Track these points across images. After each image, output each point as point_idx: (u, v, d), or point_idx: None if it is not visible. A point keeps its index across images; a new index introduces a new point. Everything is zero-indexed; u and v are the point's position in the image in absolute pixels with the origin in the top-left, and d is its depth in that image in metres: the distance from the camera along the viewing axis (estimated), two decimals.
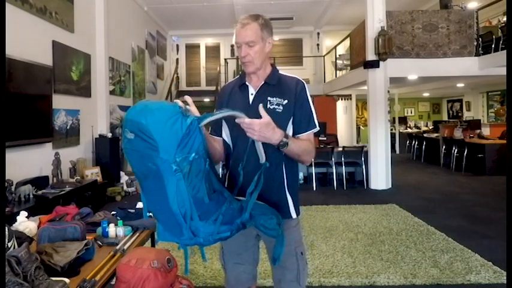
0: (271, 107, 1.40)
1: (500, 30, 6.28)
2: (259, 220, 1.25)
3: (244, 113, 1.40)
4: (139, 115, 1.05)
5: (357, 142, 11.29)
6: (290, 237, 1.44)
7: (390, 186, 6.17)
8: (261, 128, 1.19)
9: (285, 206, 1.44)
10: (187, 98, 1.23)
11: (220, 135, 1.49)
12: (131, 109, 1.13)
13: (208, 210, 1.13)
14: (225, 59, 10.62)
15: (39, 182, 4.03)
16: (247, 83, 1.46)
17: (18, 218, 1.99)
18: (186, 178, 1.05)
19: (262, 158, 1.29)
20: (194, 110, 1.19)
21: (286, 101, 1.41)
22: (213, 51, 11.59)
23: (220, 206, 1.16)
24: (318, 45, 11.11)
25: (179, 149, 1.03)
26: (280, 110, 1.40)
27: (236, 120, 1.18)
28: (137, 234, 2.01)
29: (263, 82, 1.44)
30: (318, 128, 1.44)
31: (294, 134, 1.42)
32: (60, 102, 4.73)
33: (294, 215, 1.46)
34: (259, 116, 1.38)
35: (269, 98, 1.41)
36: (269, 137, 1.22)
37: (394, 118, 11.21)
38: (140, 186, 1.19)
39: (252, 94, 1.44)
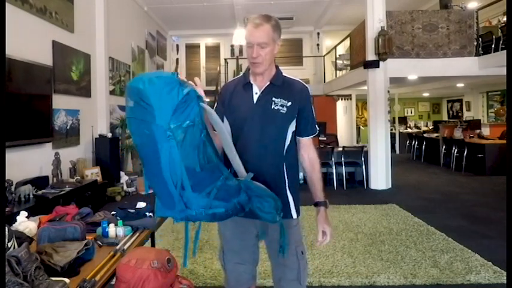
0: (276, 107, 1.42)
1: (500, 30, 6.28)
2: (255, 202, 1.24)
3: (249, 112, 1.42)
4: (138, 81, 1.07)
5: (357, 142, 11.29)
6: (290, 236, 1.46)
7: (390, 186, 6.17)
8: (332, 233, 1.49)
9: (286, 206, 1.45)
10: (196, 80, 1.26)
11: None
12: (133, 78, 1.15)
13: (202, 182, 1.13)
14: (225, 59, 10.61)
15: (39, 182, 4.03)
16: (251, 82, 1.47)
17: (18, 218, 2.00)
18: (179, 146, 1.06)
19: (242, 173, 1.28)
20: (198, 91, 1.19)
21: (290, 103, 1.43)
22: (213, 51, 11.59)
23: (215, 180, 1.15)
24: (318, 45, 11.10)
25: (174, 116, 1.04)
26: (284, 111, 1.42)
27: (323, 244, 1.47)
28: (137, 234, 2.01)
29: (268, 82, 1.46)
30: (317, 132, 1.52)
31: (296, 136, 1.49)
32: (60, 102, 4.73)
33: (294, 215, 1.48)
34: (263, 115, 1.43)
35: (274, 99, 1.43)
36: (327, 218, 1.50)
37: (394, 118, 11.21)
38: (140, 158, 1.20)
39: (256, 93, 1.46)
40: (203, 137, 1.09)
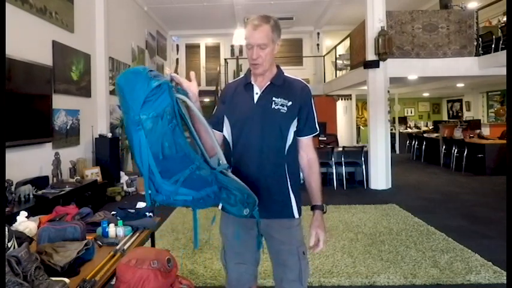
0: (276, 107, 1.42)
1: (500, 30, 6.28)
2: (223, 194, 1.24)
3: (249, 112, 1.42)
4: (119, 78, 1.15)
5: (357, 142, 11.29)
6: (292, 236, 1.46)
7: (390, 186, 6.17)
8: (326, 240, 1.45)
9: (289, 205, 1.46)
10: (191, 74, 1.29)
11: (221, 131, 1.50)
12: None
13: (170, 170, 1.17)
14: (225, 59, 10.60)
15: (39, 182, 4.03)
16: (252, 82, 1.48)
17: (18, 218, 2.00)
18: (147, 135, 1.12)
19: (223, 160, 1.30)
20: (187, 85, 1.23)
21: (290, 103, 1.43)
22: (213, 51, 11.59)
23: (184, 168, 1.18)
24: (318, 45, 11.11)
25: (144, 107, 1.10)
26: (285, 111, 1.42)
27: (315, 251, 1.44)
28: (137, 234, 2.01)
29: (269, 82, 1.46)
30: (318, 132, 1.51)
31: (296, 136, 1.48)
32: (60, 102, 4.72)
33: (296, 215, 1.48)
34: (263, 115, 1.43)
35: (274, 99, 1.43)
36: (323, 223, 1.46)
37: (394, 118, 11.21)
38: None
39: (257, 94, 1.46)
40: (170, 126, 1.13)
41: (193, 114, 1.22)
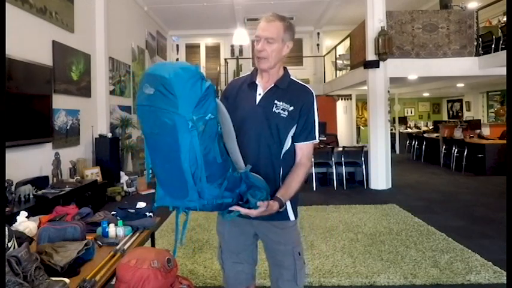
0: (277, 110, 1.40)
1: (500, 30, 6.28)
2: (251, 191, 1.25)
3: (250, 112, 1.42)
4: (162, 70, 1.08)
5: (357, 142, 11.29)
6: (287, 237, 1.45)
7: (390, 186, 6.17)
8: (259, 213, 1.26)
9: (284, 208, 1.43)
10: None
11: None
12: (152, 66, 1.17)
13: (215, 173, 1.14)
14: (225, 59, 10.61)
15: (39, 182, 4.03)
16: (257, 81, 1.46)
17: (18, 218, 2.00)
18: (200, 137, 1.07)
19: (241, 166, 1.27)
20: None
21: (292, 108, 1.41)
22: (213, 51, 11.59)
23: (226, 171, 1.17)
24: (318, 45, 11.11)
25: (197, 108, 1.06)
26: (285, 116, 1.40)
27: (242, 212, 1.27)
28: (137, 234, 2.01)
29: (273, 84, 1.44)
30: (317, 141, 1.46)
31: (292, 142, 1.44)
32: (60, 102, 4.73)
33: (292, 217, 1.46)
34: (262, 117, 1.40)
35: (276, 102, 1.41)
36: (269, 213, 1.28)
37: (394, 118, 11.20)
38: (147, 145, 1.20)
39: (260, 94, 1.44)
40: (220, 130, 1.13)
41: (222, 116, 1.21)
